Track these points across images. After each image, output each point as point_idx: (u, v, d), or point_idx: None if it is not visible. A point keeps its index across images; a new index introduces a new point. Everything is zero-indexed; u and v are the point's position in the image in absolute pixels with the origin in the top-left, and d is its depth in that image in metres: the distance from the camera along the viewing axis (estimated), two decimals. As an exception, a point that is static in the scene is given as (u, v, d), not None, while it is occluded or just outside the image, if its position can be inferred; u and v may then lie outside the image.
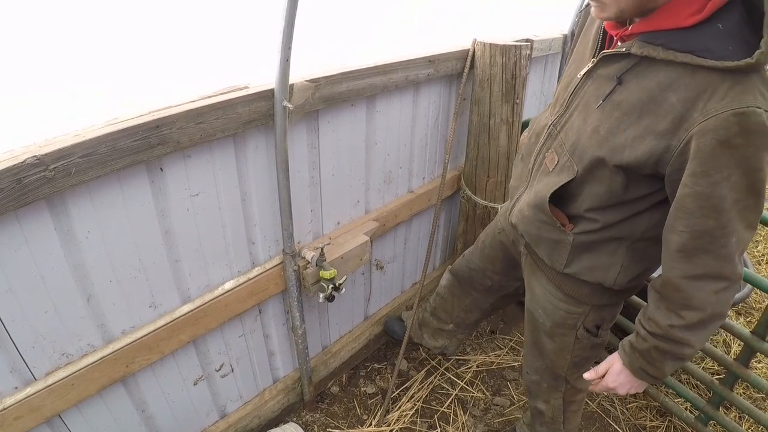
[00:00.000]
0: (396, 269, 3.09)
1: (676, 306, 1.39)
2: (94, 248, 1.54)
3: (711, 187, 1.22)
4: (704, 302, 1.34)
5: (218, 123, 1.67)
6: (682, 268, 1.34)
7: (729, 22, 1.19)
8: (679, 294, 1.37)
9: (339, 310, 2.76)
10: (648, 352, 1.48)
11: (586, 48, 1.58)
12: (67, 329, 1.57)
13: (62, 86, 7.91)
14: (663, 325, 1.41)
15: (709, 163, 1.20)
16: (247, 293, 2.08)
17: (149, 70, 9.10)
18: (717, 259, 1.29)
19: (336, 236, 2.41)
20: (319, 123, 2.10)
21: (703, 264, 1.31)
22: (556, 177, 1.57)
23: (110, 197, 1.52)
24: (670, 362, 1.48)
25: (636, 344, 1.52)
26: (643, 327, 1.49)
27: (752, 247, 4.66)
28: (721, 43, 1.18)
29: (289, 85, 1.81)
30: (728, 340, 3.41)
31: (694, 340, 1.40)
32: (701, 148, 1.20)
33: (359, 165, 2.41)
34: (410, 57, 2.36)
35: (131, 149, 1.46)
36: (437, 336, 2.73)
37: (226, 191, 1.87)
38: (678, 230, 1.32)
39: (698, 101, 1.20)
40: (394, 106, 2.43)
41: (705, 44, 1.19)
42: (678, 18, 1.24)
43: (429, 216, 3.06)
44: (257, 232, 2.07)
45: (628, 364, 1.56)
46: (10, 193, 1.25)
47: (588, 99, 1.49)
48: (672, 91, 1.25)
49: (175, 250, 1.80)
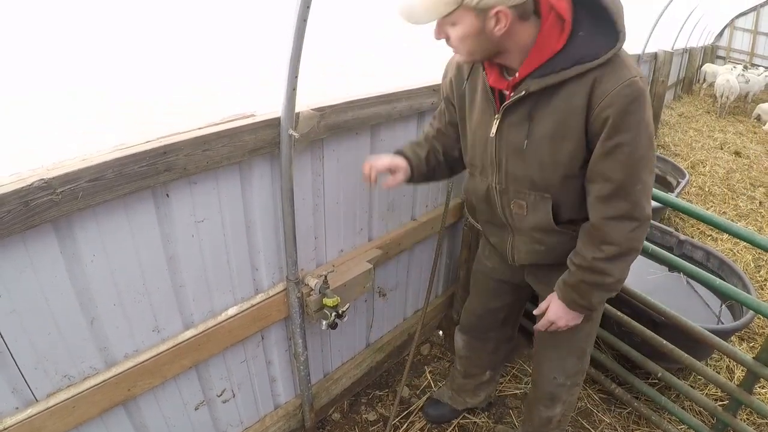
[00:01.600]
0: (398, 297, 3.10)
1: (598, 242, 1.67)
2: (99, 272, 1.56)
3: (617, 146, 1.51)
4: (619, 239, 1.63)
5: (224, 150, 1.71)
6: (601, 210, 1.63)
7: (585, 27, 1.49)
8: (599, 232, 1.66)
9: (341, 336, 2.76)
10: (578, 285, 1.76)
11: (483, 112, 1.79)
12: (70, 351, 1.58)
13: (62, 86, 7.98)
14: (588, 258, 1.69)
15: (613, 130, 1.49)
16: (250, 320, 2.10)
17: (148, 70, 9.20)
18: (630, 203, 1.59)
19: (339, 264, 2.42)
20: (324, 151, 2.13)
21: (618, 207, 1.60)
22: (539, 212, 1.79)
23: (116, 221, 1.55)
24: (597, 293, 1.76)
25: (567, 279, 1.80)
26: (573, 263, 1.77)
27: (754, 272, 4.66)
28: (590, 45, 1.47)
29: (295, 113, 1.85)
30: (731, 366, 3.39)
31: (613, 269, 1.68)
32: (606, 118, 1.49)
33: (363, 193, 2.44)
34: (414, 86, 2.40)
35: (138, 175, 1.49)
36: (479, 391, 2.80)
37: (230, 218, 1.90)
38: (596, 181, 1.61)
39: (594, 89, 1.49)
40: (398, 135, 2.46)
41: (581, 52, 1.48)
42: (551, 47, 1.51)
43: (432, 244, 3.06)
44: (261, 258, 2.09)
45: (562, 297, 1.84)
46: (17, 216, 1.28)
47: (513, 147, 1.71)
48: (574, 95, 1.52)
49: (180, 275, 1.82)
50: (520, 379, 3.20)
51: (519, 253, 1.98)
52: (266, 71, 3.12)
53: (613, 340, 2.91)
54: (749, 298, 2.25)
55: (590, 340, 2.18)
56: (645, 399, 2.94)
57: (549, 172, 1.68)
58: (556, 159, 1.64)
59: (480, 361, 2.68)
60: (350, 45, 11.33)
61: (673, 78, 12.05)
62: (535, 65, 1.53)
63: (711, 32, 17.00)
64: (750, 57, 18.45)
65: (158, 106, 3.65)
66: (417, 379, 3.17)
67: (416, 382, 3.15)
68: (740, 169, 7.73)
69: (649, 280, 3.67)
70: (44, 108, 7.21)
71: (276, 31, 1.51)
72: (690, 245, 3.77)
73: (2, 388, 1.47)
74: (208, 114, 2.15)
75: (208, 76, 8.64)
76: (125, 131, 2.58)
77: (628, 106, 1.47)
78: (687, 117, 11.46)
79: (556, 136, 1.60)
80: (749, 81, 12.29)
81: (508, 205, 1.86)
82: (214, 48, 10.97)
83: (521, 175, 1.74)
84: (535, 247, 1.90)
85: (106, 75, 8.75)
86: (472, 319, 2.55)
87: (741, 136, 9.94)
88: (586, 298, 1.77)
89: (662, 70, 8.20)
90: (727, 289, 2.31)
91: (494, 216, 1.97)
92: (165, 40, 11.62)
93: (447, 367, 3.25)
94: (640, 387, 2.82)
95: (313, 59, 1.95)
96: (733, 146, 8.97)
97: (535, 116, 1.62)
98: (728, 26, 18.84)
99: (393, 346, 3.18)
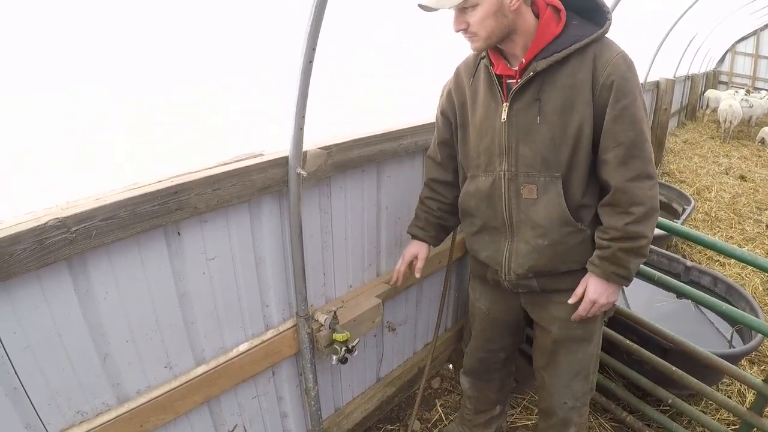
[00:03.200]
0: (408, 331, 3.11)
1: (626, 205, 1.76)
2: (112, 308, 1.59)
3: (625, 109, 1.70)
4: (643, 197, 1.74)
5: (234, 189, 1.75)
6: (622, 173, 1.74)
7: (576, 19, 1.77)
8: (625, 195, 1.75)
9: (351, 371, 2.77)
10: (614, 255, 1.81)
11: (488, 106, 1.93)
12: (83, 387, 1.60)
13: (62, 86, 8.06)
14: (620, 226, 1.78)
15: (619, 93, 1.69)
16: (261, 355, 2.11)
17: (148, 70, 9.30)
18: (643, 161, 1.74)
19: (348, 299, 2.45)
20: (332, 188, 2.18)
21: (636, 167, 1.73)
22: (550, 194, 1.86)
23: (129, 259, 1.59)
24: (633, 259, 1.82)
25: (602, 254, 1.84)
26: (603, 238, 1.84)
27: (764, 296, 4.64)
28: (582, 30, 1.73)
29: (303, 152, 1.90)
30: (743, 390, 3.36)
31: (645, 230, 1.78)
32: (611, 83, 1.69)
33: (370, 229, 2.48)
34: (419, 123, 2.46)
35: (150, 213, 1.53)
36: (491, 424, 2.80)
37: (241, 255, 1.93)
38: (611, 147, 1.74)
39: (596, 62, 1.71)
40: (404, 171, 2.51)
41: (576, 34, 1.72)
42: (550, 32, 1.74)
43: (440, 277, 3.08)
44: (271, 295, 2.11)
45: (600, 273, 1.86)
46: (32, 254, 1.32)
47: (524, 128, 1.84)
48: (578, 71, 1.72)
49: (191, 312, 1.85)
50: (531, 410, 3.18)
51: (517, 258, 2.00)
52: (266, 71, 3.18)
53: (622, 368, 2.90)
54: (755, 320, 2.27)
55: (595, 360, 2.20)
56: (657, 426, 2.91)
57: (559, 148, 1.80)
58: (566, 133, 1.78)
59: (487, 399, 2.70)
60: (350, 45, 11.45)
61: (676, 105, 12.10)
62: (538, 48, 1.74)
63: (712, 58, 17.13)
64: (752, 81, 18.53)
65: (158, 106, 3.71)
66: (428, 413, 3.15)
67: (427, 415, 3.14)
68: (746, 193, 7.73)
69: (657, 308, 3.67)
70: (44, 108, 7.28)
71: (276, 32, 1.55)
72: (697, 271, 3.77)
73: (16, 424, 1.48)
74: (207, 114, 2.18)
75: (208, 76, 8.74)
76: (125, 131, 2.62)
77: (626, 72, 1.70)
78: (691, 143, 11.49)
79: (565, 110, 1.76)
80: (753, 105, 12.36)
81: (516, 195, 1.92)
82: (214, 48, 11.09)
83: (532, 155, 1.84)
84: (538, 242, 1.93)
85: (106, 75, 8.86)
86: (474, 362, 2.58)
87: (746, 160, 9.95)
88: (625, 267, 1.82)
89: (665, 98, 8.23)
90: (734, 314, 2.33)
91: (494, 217, 2.01)
92: (165, 40, 11.73)
93: (457, 400, 3.24)
94: (651, 414, 2.79)
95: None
96: (738, 170, 8.98)
97: (542, 96, 1.78)
98: (729, 51, 18.98)
99: (403, 380, 3.18)
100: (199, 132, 6.13)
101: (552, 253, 1.93)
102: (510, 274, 2.04)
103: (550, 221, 1.88)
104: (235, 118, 8.38)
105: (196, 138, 6.73)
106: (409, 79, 4.59)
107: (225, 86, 9.98)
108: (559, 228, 1.88)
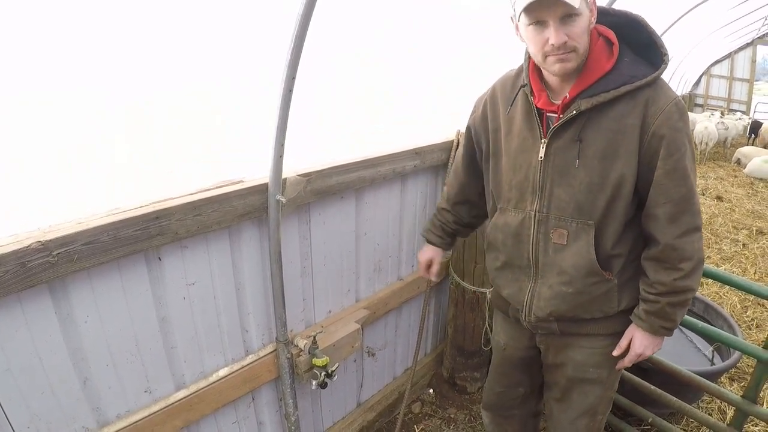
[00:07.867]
0: (387, 356, 3.13)
1: (675, 262, 1.69)
2: (92, 332, 1.61)
3: (677, 163, 1.60)
4: (692, 252, 1.69)
5: (214, 215, 1.79)
6: (672, 231, 1.67)
7: (628, 55, 1.64)
8: (675, 252, 1.68)
9: (331, 396, 2.78)
10: (662, 310, 1.75)
11: (524, 139, 1.81)
12: (63, 411, 1.61)
13: (62, 86, 7.98)
14: (668, 282, 1.71)
15: (672, 146, 1.59)
16: (241, 380, 2.13)
17: (148, 70, 9.28)
18: (693, 215, 1.67)
19: (328, 324, 2.47)
20: (311, 215, 2.22)
21: (685, 223, 1.66)
22: (581, 242, 1.77)
23: (110, 284, 1.61)
24: (680, 311, 1.77)
25: (649, 309, 1.78)
26: (650, 293, 1.76)
27: (741, 313, 4.68)
28: (635, 69, 1.61)
29: (282, 179, 1.94)
30: (723, 408, 3.39)
31: (693, 284, 1.72)
32: (663, 136, 1.58)
33: (349, 255, 2.52)
34: (397, 150, 2.51)
35: (132, 238, 1.57)
36: None
37: (221, 281, 1.96)
38: (661, 203, 1.65)
39: (647, 109, 1.60)
40: (382, 197, 2.56)
41: (628, 74, 1.60)
42: (600, 67, 1.63)
43: (419, 303, 3.10)
44: (251, 320, 2.14)
45: (648, 328, 1.80)
46: (14, 276, 1.34)
47: (561, 170, 1.74)
48: (626, 117, 1.61)
49: (171, 337, 1.87)
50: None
51: (539, 300, 1.90)
52: (266, 71, 3.17)
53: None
54: (731, 337, 2.35)
55: (607, 402, 2.16)
56: (638, 445, 2.93)
57: (596, 195, 1.70)
58: (606, 180, 1.68)
59: None
60: (350, 44, 11.49)
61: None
62: (585, 85, 1.63)
63: (688, 81, 17.38)
64: (727, 103, 18.74)
65: (158, 107, 3.64)
66: (411, 440, 3.15)
67: (410, 442, 3.14)
68: (722, 213, 7.81)
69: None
70: (44, 108, 7.24)
71: (276, 32, 1.57)
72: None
73: (-4, 449, 1.49)
74: (207, 113, 2.23)
75: (208, 76, 8.72)
76: (125, 131, 2.59)
77: (677, 122, 1.59)
78: (668, 166, 11.56)
79: (607, 156, 1.65)
80: (728, 127, 12.55)
81: (545, 238, 1.83)
82: (214, 48, 11.08)
83: (566, 199, 1.75)
84: (562, 289, 1.84)
85: (106, 75, 8.80)
86: (491, 396, 2.45)
87: (722, 181, 10.06)
88: (672, 320, 1.78)
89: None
90: (710, 332, 2.42)
91: (519, 255, 1.92)
92: (164, 40, 11.72)
93: (438, 425, 3.24)
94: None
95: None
96: (714, 191, 9.06)
97: (584, 137, 1.67)
98: (705, 74, 19.25)
99: (384, 405, 3.19)
100: (199, 132, 6.11)
101: (575, 301, 1.85)
102: (530, 315, 1.95)
103: (576, 270, 1.79)
104: (236, 118, 8.37)
105: (197, 138, 6.72)
106: (409, 78, 4.55)
107: (225, 86, 9.93)
108: (586, 277, 1.79)
